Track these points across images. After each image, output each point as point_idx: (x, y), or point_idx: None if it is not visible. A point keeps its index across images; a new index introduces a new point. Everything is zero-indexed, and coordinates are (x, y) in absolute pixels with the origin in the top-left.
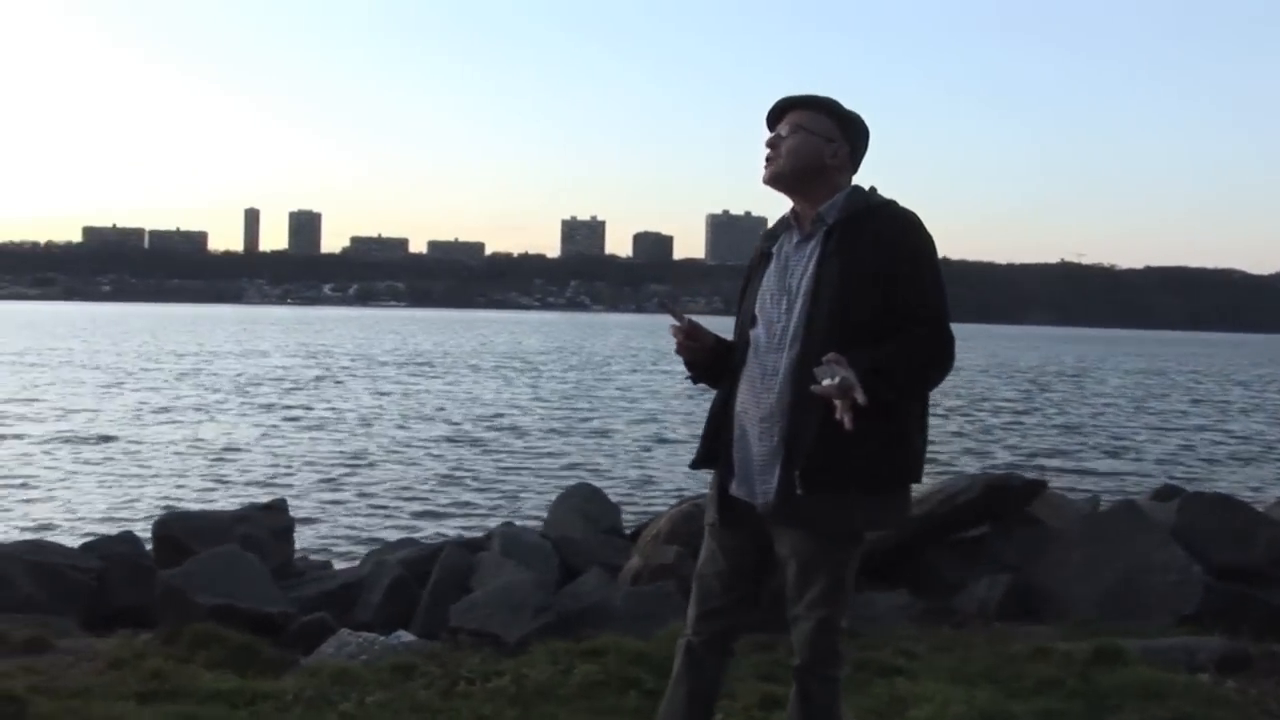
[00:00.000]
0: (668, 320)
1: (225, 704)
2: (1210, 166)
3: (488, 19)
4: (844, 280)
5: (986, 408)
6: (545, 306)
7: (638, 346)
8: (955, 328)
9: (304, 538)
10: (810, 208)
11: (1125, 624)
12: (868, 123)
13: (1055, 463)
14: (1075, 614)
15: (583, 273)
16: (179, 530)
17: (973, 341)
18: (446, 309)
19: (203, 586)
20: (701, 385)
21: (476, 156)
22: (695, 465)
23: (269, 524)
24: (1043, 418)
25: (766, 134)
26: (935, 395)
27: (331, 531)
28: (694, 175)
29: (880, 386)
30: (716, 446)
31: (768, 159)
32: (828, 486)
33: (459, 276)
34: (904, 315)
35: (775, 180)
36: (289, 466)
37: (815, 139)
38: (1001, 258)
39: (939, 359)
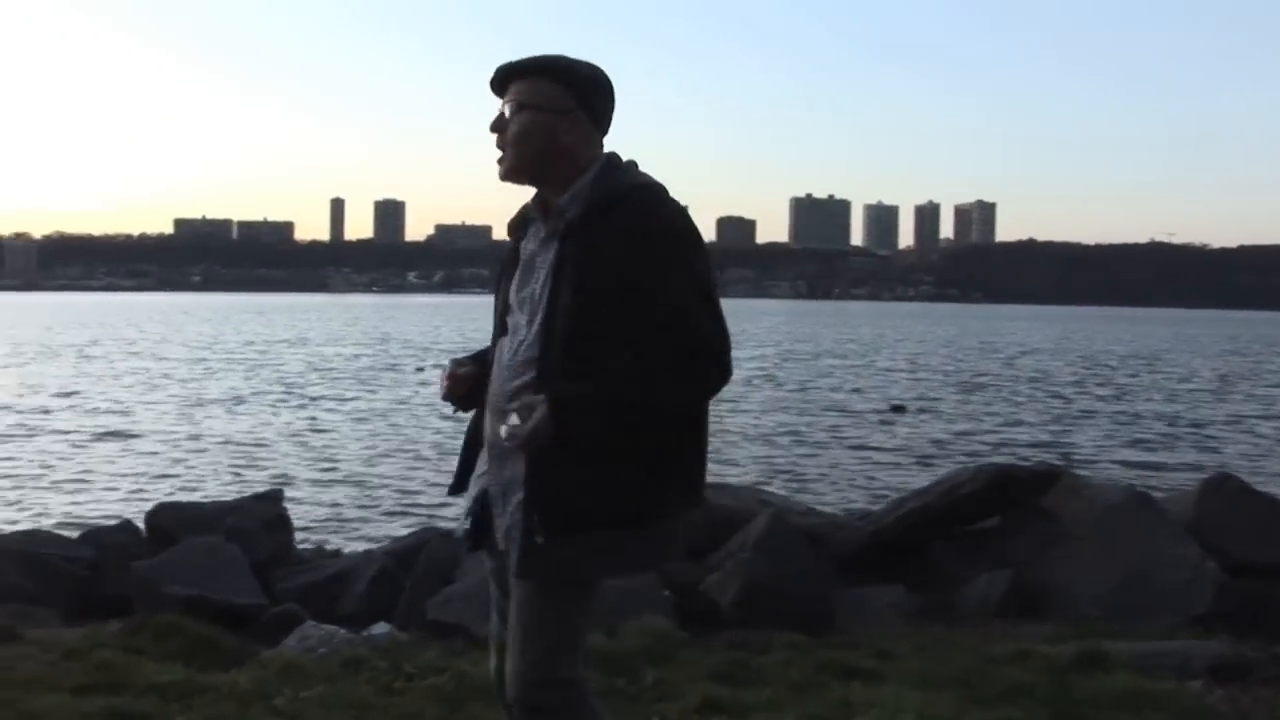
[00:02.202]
0: (760, 306)
1: (161, 697)
2: None
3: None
4: (581, 290)
5: (1050, 391)
6: None
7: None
8: (1038, 310)
9: (320, 530)
10: (556, 196)
11: (1129, 624)
12: (608, 75)
13: (1114, 453)
14: (1079, 612)
15: None
16: (168, 520)
17: (1050, 323)
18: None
19: (176, 577)
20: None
21: None
22: (452, 491)
23: (261, 514)
24: (1120, 404)
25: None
26: (998, 375)
27: (347, 523)
28: (777, 158)
29: (574, 424)
30: (470, 472)
31: (498, 148)
32: (566, 529)
33: None
34: (654, 324)
35: (510, 177)
36: (318, 458)
37: (543, 116)
38: (1089, 238)
39: (688, 374)
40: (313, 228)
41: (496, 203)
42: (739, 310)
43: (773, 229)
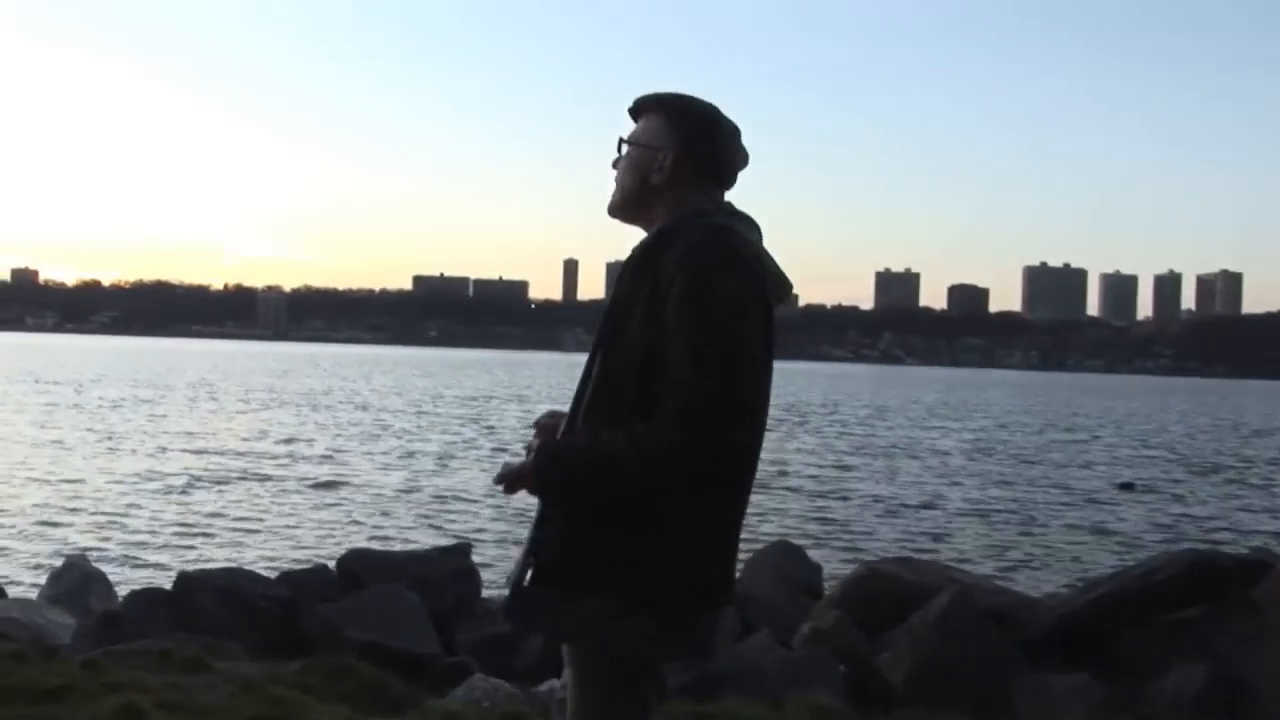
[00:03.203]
0: (990, 376)
1: None
2: None
3: (796, 66)
4: (614, 337)
5: None
6: (858, 359)
7: (941, 402)
8: None
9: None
10: None
11: None
12: (728, 120)
13: None
14: None
15: (896, 325)
16: (358, 565)
17: None
18: None
19: (357, 622)
20: None
21: (792, 207)
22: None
23: (447, 565)
24: None
25: None
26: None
27: None
28: (1010, 225)
29: (550, 473)
30: None
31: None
32: (552, 584)
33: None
34: (665, 379)
35: (610, 212)
36: (519, 513)
37: (640, 152)
38: None
39: (681, 441)
40: (546, 287)
41: None
42: (969, 380)
43: (1005, 298)
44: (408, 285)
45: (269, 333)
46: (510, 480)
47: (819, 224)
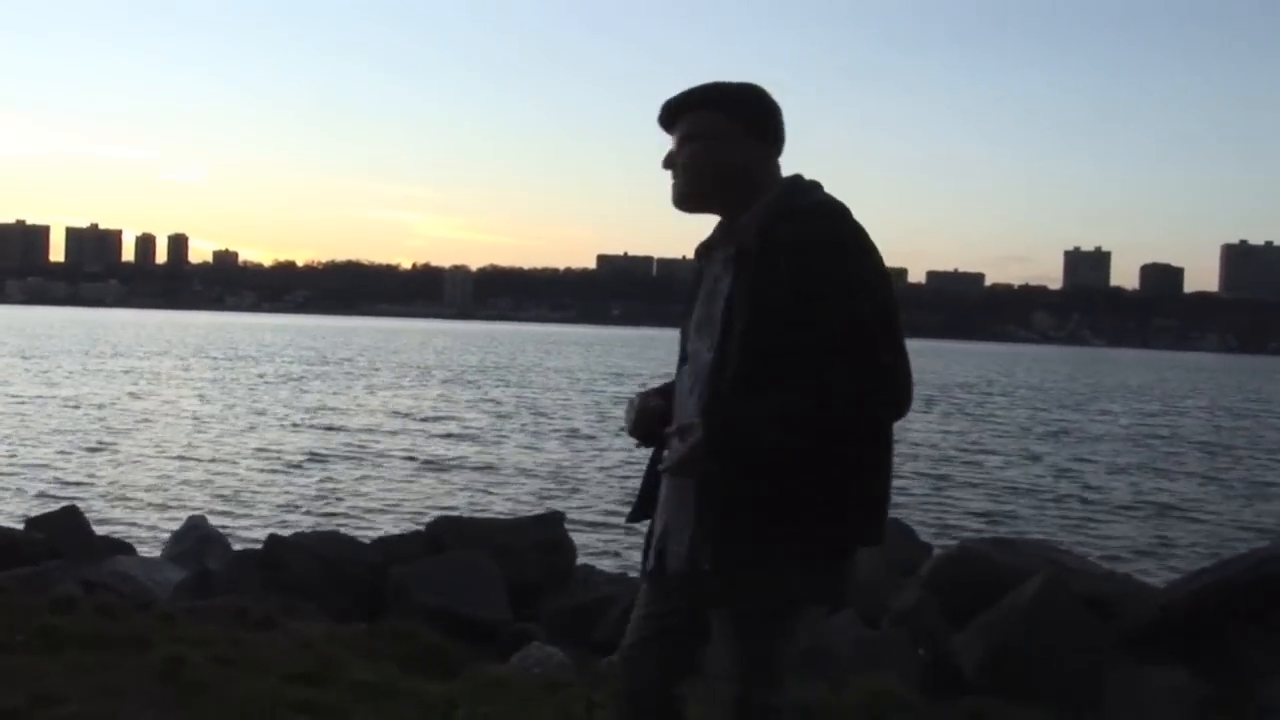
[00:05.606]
0: (1183, 359)
1: (355, 696)
2: None
3: (1003, 46)
4: (755, 309)
5: None
6: (1045, 340)
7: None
8: None
9: (620, 558)
10: (735, 217)
11: None
12: (764, 89)
13: None
14: None
15: (1085, 305)
16: (444, 531)
17: None
18: (943, 340)
19: (430, 586)
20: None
21: (980, 185)
22: (630, 519)
23: (535, 536)
24: None
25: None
26: None
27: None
28: (1208, 202)
29: (727, 445)
30: (652, 501)
31: (673, 179)
32: (735, 560)
33: (958, 308)
34: (826, 346)
35: (680, 205)
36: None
37: (711, 144)
38: None
39: (858, 401)
40: None
41: (914, 245)
42: (1159, 362)
43: (1202, 278)
44: (592, 265)
45: (454, 311)
46: (679, 465)
47: (1005, 201)
